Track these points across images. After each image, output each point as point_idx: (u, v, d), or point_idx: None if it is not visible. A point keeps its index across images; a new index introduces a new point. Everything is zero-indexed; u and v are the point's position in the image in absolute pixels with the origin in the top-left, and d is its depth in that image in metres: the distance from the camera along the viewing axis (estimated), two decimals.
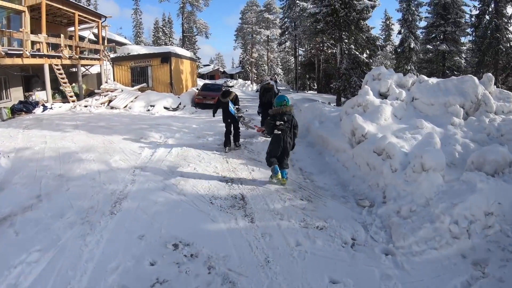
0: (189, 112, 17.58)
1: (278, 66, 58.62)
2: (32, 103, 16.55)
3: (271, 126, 6.06)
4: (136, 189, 5.91)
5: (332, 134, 8.46)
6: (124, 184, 6.17)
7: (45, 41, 17.46)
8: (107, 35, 25.04)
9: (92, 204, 5.28)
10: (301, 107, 14.37)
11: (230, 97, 8.85)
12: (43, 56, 17.05)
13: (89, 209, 5.11)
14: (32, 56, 16.10)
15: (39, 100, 17.33)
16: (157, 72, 20.89)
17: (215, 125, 12.54)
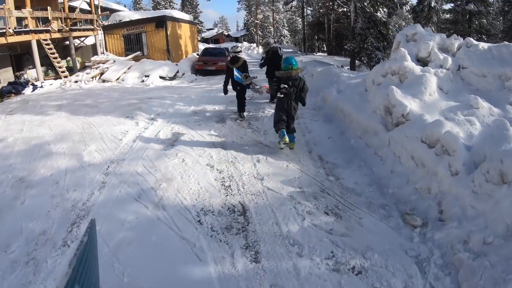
0: (188, 80, 15.92)
1: (284, 28, 56.08)
2: (21, 83, 15.27)
3: (275, 89, 5.88)
4: (103, 199, 4.47)
5: (356, 108, 6.85)
6: (91, 190, 4.75)
7: (30, 15, 15.96)
8: (100, 3, 23.20)
9: (45, 227, 3.94)
10: (313, 71, 12.67)
11: (238, 64, 8.18)
12: (29, 32, 15.66)
13: (40, 236, 3.79)
14: (16, 33, 14.67)
15: (31, 79, 16.20)
16: (152, 38, 19.06)
17: (215, 96, 11.06)
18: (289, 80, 5.69)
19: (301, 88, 5.83)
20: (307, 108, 8.86)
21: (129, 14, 20.40)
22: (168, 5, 58.44)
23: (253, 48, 46.48)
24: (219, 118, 8.22)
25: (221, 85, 8.58)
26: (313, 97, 10.01)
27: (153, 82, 15.12)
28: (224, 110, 9.11)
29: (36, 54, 15.90)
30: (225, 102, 9.93)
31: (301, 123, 7.62)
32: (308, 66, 14.68)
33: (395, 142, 5.09)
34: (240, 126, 7.52)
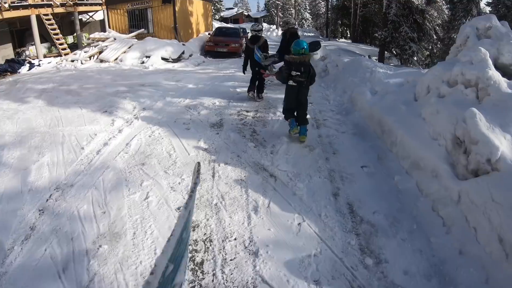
0: (194, 63, 14.02)
1: (306, 11, 53.39)
2: (19, 61, 14.23)
3: (285, 76, 5.28)
4: (16, 268, 2.79)
5: (402, 124, 4.90)
6: (13, 241, 3.13)
7: None
8: None
9: None
10: (338, 61, 10.71)
11: (259, 43, 7.70)
12: (28, 7, 14.50)
13: None
14: (13, 8, 13.64)
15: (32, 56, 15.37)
16: (158, 15, 17.16)
17: (219, 85, 9.35)
18: (302, 65, 5.16)
19: (312, 74, 5.30)
20: (331, 111, 6.99)
21: None
22: None
23: (273, 30, 44.32)
24: (216, 119, 6.35)
25: (230, 70, 8.48)
26: (338, 95, 8.09)
27: (154, 64, 13.27)
28: (225, 106, 7.23)
29: (36, 30, 14.95)
30: (229, 95, 8.11)
31: (324, 135, 5.69)
32: (332, 55, 12.65)
33: (471, 203, 3.11)
34: (241, 134, 5.62)
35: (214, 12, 56.20)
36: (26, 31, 16.25)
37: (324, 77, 10.93)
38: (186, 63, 13.73)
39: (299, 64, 5.17)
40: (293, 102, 5.41)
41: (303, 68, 5.18)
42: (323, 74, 11.42)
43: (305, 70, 5.20)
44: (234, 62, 14.71)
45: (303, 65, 5.18)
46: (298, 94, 5.34)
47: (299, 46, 5.20)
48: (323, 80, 10.43)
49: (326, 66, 11.83)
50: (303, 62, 5.19)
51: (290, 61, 5.26)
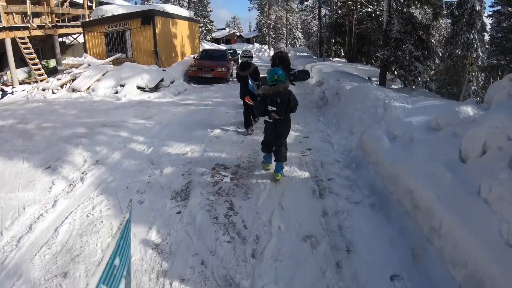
0: (173, 92, 12.37)
1: (298, 30, 52.54)
2: None
3: (261, 111, 4.87)
4: None
5: (451, 205, 3.23)
6: None
7: (3, 10, 14.29)
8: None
9: None
10: (339, 88, 9.28)
11: (249, 71, 7.22)
12: (2, 30, 13.97)
13: None
14: None
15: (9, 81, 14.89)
16: (137, 38, 15.59)
17: (196, 124, 7.88)
18: (277, 96, 4.72)
19: (293, 105, 4.90)
20: (336, 162, 5.36)
21: (113, 8, 16.91)
22: (177, 2, 55.43)
23: (264, 50, 43.24)
24: (182, 184, 4.67)
25: (213, 101, 8.51)
26: (343, 137, 6.47)
27: (128, 94, 11.63)
28: (198, 158, 5.56)
29: (11, 54, 14.19)
30: (205, 141, 6.50)
31: (330, 210, 4.01)
32: (330, 79, 11.10)
33: None
34: (212, 215, 3.90)
35: (206, 33, 55.32)
36: (4, 55, 15.26)
37: (322, 108, 9.35)
38: (165, 92, 12.09)
39: (274, 95, 4.69)
40: (271, 135, 4.99)
41: (279, 99, 4.69)
42: (320, 103, 9.83)
43: (283, 100, 4.72)
44: (219, 89, 13.12)
45: (279, 95, 4.68)
46: (276, 128, 4.89)
47: (272, 73, 4.70)
48: (321, 112, 8.86)
49: (324, 93, 10.25)
50: (278, 92, 4.66)
51: (265, 93, 4.79)
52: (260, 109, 4.90)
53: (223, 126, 7.36)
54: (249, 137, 6.70)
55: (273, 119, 4.84)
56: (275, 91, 4.68)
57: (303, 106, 9.64)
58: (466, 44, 19.75)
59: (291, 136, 6.62)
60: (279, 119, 4.79)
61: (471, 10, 19.81)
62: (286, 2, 46.21)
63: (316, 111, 9.14)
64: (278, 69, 4.88)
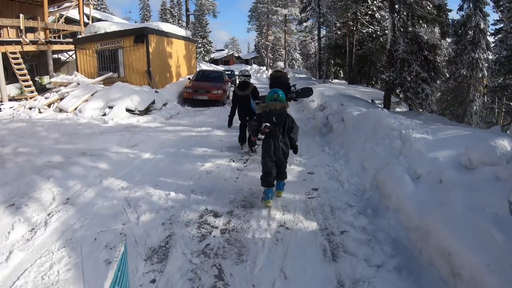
0: (165, 116, 11.56)
1: (296, 51, 52.38)
2: None
3: (255, 130, 4.73)
4: None
5: (497, 267, 2.41)
6: None
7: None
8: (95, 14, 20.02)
9: None
10: (345, 115, 8.44)
11: (248, 91, 6.95)
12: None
13: None
14: None
15: None
16: (130, 56, 14.87)
17: (185, 155, 7.01)
18: (273, 115, 4.49)
19: (289, 127, 4.60)
20: (349, 207, 4.50)
21: (106, 25, 16.24)
22: (177, 23, 55.42)
23: (263, 71, 42.82)
24: (160, 238, 3.76)
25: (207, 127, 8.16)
26: (354, 173, 5.62)
27: (115, 117, 10.81)
28: (182, 202, 4.62)
29: (1, 69, 13.91)
30: (194, 177, 5.64)
31: (347, 279, 3.11)
32: (333, 103, 10.33)
33: None
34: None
35: (204, 53, 55.09)
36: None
37: (327, 136, 8.51)
38: (156, 115, 11.26)
39: (269, 114, 4.53)
40: (271, 158, 4.59)
41: (275, 118, 4.51)
42: (324, 130, 9.00)
43: (279, 120, 4.53)
44: (215, 113, 12.30)
45: (275, 114, 4.51)
46: (273, 147, 4.58)
47: (272, 93, 4.63)
48: (326, 141, 8.02)
49: (328, 119, 9.44)
50: (274, 110, 4.51)
51: (260, 111, 4.67)
52: (255, 127, 4.72)
53: (216, 158, 6.50)
54: (246, 173, 5.81)
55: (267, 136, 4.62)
56: (271, 109, 4.52)
57: (305, 133, 8.82)
58: (471, 64, 19.12)
59: (294, 172, 5.78)
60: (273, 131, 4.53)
61: (475, 28, 19.24)
62: (285, 24, 46.12)
63: (320, 139, 8.31)
64: (279, 89, 4.72)
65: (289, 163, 5.59)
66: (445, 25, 13.56)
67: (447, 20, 13.67)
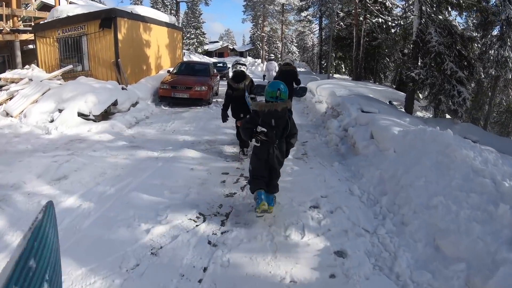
0: (129, 121, 8.84)
1: (293, 44, 49.85)
2: None
3: (248, 132, 3.94)
4: None
5: None
6: None
7: None
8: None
9: None
10: (374, 127, 5.94)
11: (243, 83, 5.95)
12: None
13: None
14: None
15: None
16: (95, 45, 12.11)
17: (131, 205, 4.01)
18: (272, 117, 3.76)
19: (290, 133, 3.93)
20: None
21: (69, 8, 13.47)
22: (169, 13, 52.54)
23: (258, 64, 40.15)
24: None
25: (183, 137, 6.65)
26: (422, 262, 2.98)
27: (63, 124, 8.15)
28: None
29: None
30: (132, 259, 2.99)
31: None
32: (349, 106, 7.85)
33: None
34: None
35: (197, 45, 52.30)
36: None
37: (349, 159, 5.92)
38: (116, 121, 8.52)
39: (268, 115, 3.74)
40: (262, 164, 3.90)
41: (274, 121, 3.75)
42: (343, 150, 6.41)
43: (278, 123, 3.78)
44: (196, 116, 9.62)
45: (275, 116, 3.73)
46: (268, 154, 3.84)
47: (274, 87, 3.80)
48: (349, 170, 5.47)
49: (347, 132, 6.84)
50: (275, 111, 3.70)
51: (258, 109, 3.80)
52: (248, 130, 3.90)
53: (176, 212, 3.84)
54: (223, 254, 3.13)
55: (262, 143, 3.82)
56: (270, 110, 3.73)
57: (316, 152, 6.26)
58: (500, 62, 16.39)
59: (310, 251, 3.18)
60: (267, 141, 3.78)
61: (505, 22, 16.38)
62: (282, 14, 43.28)
63: (341, 166, 5.68)
64: (281, 83, 3.87)
65: (302, 228, 3.52)
66: (490, 13, 10.89)
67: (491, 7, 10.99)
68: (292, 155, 6.07)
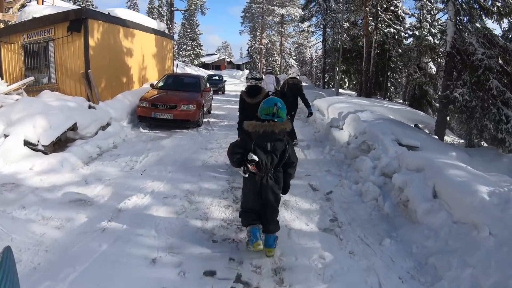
0: (87, 154, 6.47)
1: (291, 57, 48.37)
2: None
3: (237, 159, 3.20)
4: None
5: None
6: None
7: None
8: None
9: None
10: (446, 189, 3.73)
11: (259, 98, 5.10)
12: None
13: None
14: None
15: None
16: (63, 52, 10.06)
17: None
18: (268, 140, 3.08)
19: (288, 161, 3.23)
20: None
21: (38, 9, 11.46)
22: (165, 23, 50.89)
23: None
24: None
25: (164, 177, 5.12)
26: None
27: (2, 158, 6.00)
28: None
29: None
30: None
31: None
32: (384, 138, 5.90)
33: None
34: None
35: (193, 57, 50.54)
36: None
37: (402, 231, 3.90)
38: (70, 153, 6.28)
39: (263, 137, 3.05)
40: (254, 198, 3.24)
41: (270, 145, 3.08)
42: (387, 209, 4.37)
43: (275, 148, 3.11)
44: (178, 145, 7.47)
45: (271, 138, 3.06)
46: (260, 186, 3.17)
47: (269, 103, 3.16)
48: (408, 253, 3.46)
49: (388, 178, 4.81)
50: (271, 133, 3.05)
51: (250, 130, 3.08)
52: (236, 155, 3.16)
53: None
54: None
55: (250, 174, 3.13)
56: (266, 131, 3.04)
57: (351, 214, 4.43)
58: None
59: None
60: (258, 174, 3.11)
61: None
62: (282, 25, 41.61)
63: (394, 246, 3.57)
64: (278, 99, 3.23)
65: None
66: None
67: None
68: (317, 222, 3.97)
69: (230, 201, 4.45)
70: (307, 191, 4.90)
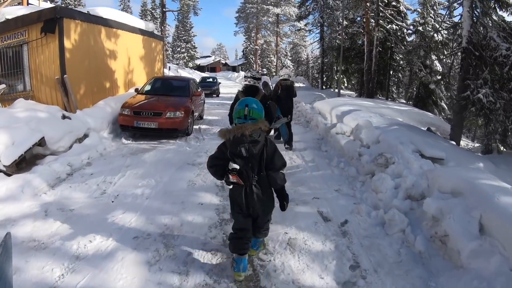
0: (55, 174, 5.52)
1: (287, 58, 47.57)
2: None
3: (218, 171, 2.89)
4: None
5: None
6: None
7: None
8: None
9: None
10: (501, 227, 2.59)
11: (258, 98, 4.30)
12: None
13: None
14: None
15: None
16: (37, 56, 9.09)
17: None
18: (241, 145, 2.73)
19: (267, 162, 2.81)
20: None
21: (12, 10, 10.49)
22: (158, 25, 49.90)
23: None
24: None
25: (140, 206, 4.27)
26: None
27: None
28: None
29: None
30: None
31: None
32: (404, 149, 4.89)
33: None
34: None
35: (188, 59, 49.66)
36: None
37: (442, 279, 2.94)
38: (35, 174, 5.34)
39: (235, 143, 2.73)
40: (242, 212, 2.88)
41: (244, 150, 2.72)
42: (420, 247, 3.45)
43: (251, 152, 2.74)
44: (162, 159, 6.49)
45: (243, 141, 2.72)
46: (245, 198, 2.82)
47: (240, 105, 2.80)
48: None
49: (415, 201, 3.87)
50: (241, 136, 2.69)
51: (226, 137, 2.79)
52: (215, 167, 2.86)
53: None
54: None
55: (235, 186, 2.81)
56: (236, 136, 2.68)
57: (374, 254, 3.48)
58: None
59: None
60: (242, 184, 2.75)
61: None
62: (277, 25, 40.71)
63: None
64: (251, 99, 2.87)
65: None
66: None
67: None
68: (333, 271, 3.03)
69: (219, 243, 3.47)
70: (317, 222, 3.93)
